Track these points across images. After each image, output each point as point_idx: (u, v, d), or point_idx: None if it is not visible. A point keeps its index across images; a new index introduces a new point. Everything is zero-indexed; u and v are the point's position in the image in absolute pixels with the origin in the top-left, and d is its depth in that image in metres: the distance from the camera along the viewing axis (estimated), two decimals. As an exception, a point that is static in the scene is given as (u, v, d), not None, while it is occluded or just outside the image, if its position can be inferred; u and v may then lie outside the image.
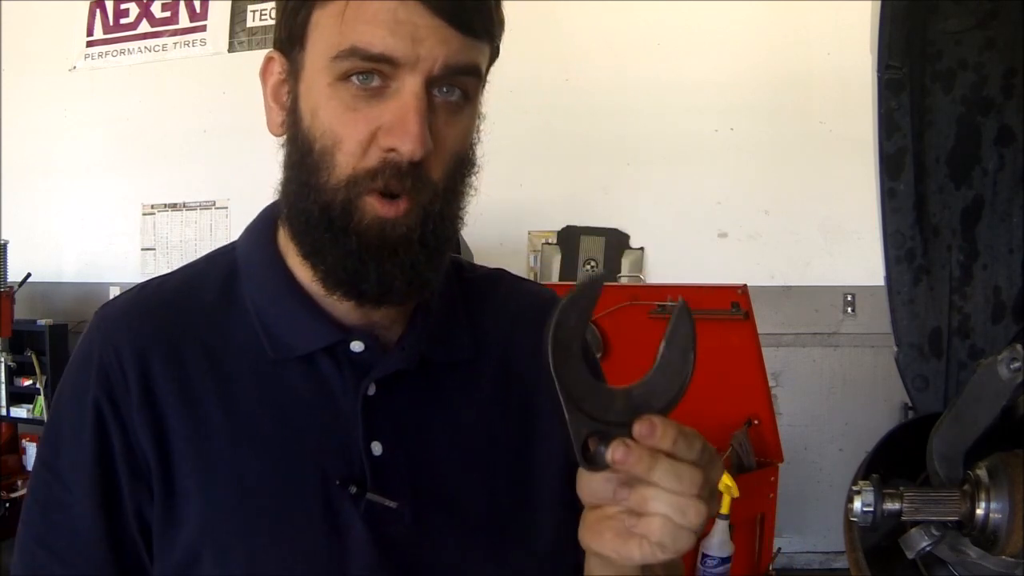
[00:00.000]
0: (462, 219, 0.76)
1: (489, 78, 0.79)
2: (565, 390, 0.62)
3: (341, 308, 0.77)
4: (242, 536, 0.73)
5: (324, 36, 0.70)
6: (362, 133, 0.69)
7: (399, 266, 0.71)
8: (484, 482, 0.79)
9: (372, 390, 0.76)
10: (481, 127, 0.77)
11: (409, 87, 0.69)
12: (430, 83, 0.69)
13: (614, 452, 0.60)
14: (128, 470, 0.74)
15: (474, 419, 0.81)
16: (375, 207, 0.70)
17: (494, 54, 0.77)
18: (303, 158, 0.72)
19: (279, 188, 0.77)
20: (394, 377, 0.77)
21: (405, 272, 0.72)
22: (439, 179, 0.72)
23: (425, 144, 0.68)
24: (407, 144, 0.68)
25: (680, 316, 0.64)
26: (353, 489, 0.74)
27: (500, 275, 0.92)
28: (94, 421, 0.74)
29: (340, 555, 0.73)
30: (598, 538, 0.64)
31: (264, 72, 0.78)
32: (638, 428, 0.61)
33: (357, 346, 0.77)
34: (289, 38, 0.74)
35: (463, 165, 0.75)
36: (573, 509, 0.68)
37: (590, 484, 0.64)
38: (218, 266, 0.82)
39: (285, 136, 0.75)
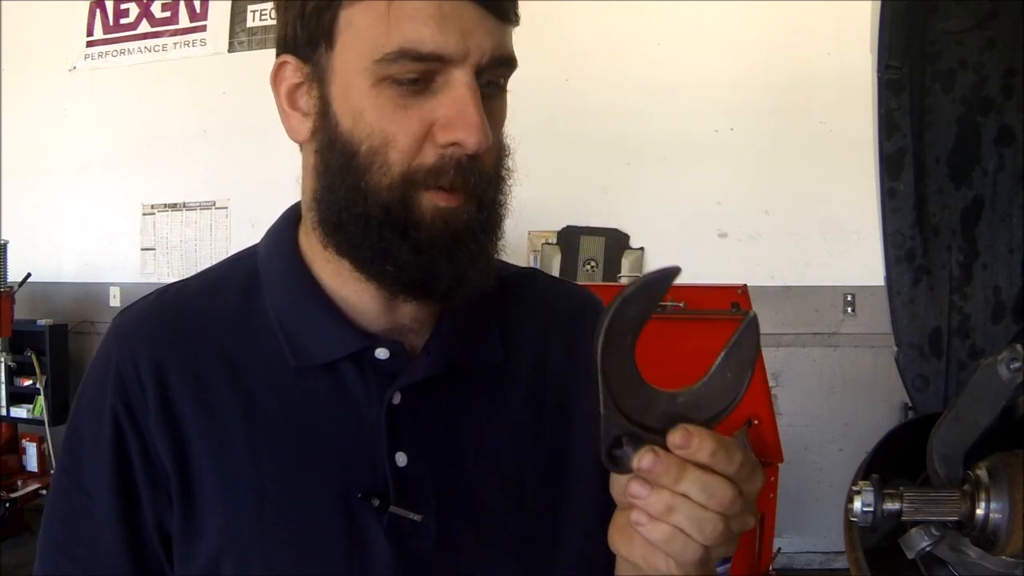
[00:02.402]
0: (507, 204, 0.74)
1: None
2: (606, 383, 0.58)
3: (367, 313, 0.75)
4: (261, 548, 0.71)
5: (362, 37, 0.67)
6: (416, 129, 0.67)
7: (469, 256, 0.70)
8: (513, 493, 0.77)
9: (397, 399, 0.74)
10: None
11: (461, 79, 0.67)
12: (476, 74, 0.68)
13: (641, 459, 0.58)
14: (147, 479, 0.73)
15: (504, 427, 0.78)
16: (434, 199, 0.68)
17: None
18: (348, 162, 0.69)
19: (315, 197, 0.73)
20: (421, 385, 0.74)
21: (475, 261, 0.70)
22: (491, 169, 0.71)
23: (488, 136, 0.67)
24: (472, 137, 0.66)
25: (747, 329, 0.60)
26: (376, 502, 0.72)
27: (534, 274, 0.90)
28: (112, 430, 0.73)
29: (362, 570, 0.72)
30: (627, 543, 0.62)
31: (275, 78, 0.74)
32: (672, 437, 0.58)
33: (382, 353, 0.74)
34: (309, 40, 0.70)
35: (503, 151, 0.74)
36: (606, 520, 0.65)
37: (624, 485, 0.62)
38: (239, 271, 0.80)
39: (316, 143, 0.72)
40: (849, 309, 4.05)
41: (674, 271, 0.59)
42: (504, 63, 0.69)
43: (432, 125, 0.67)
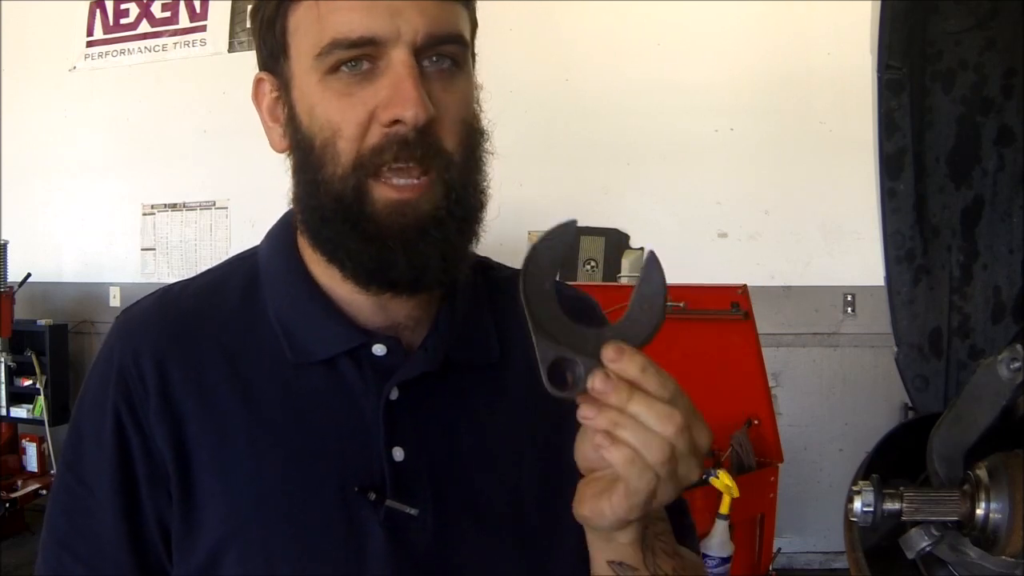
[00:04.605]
0: (486, 191, 0.75)
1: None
2: (534, 317, 0.63)
3: (363, 311, 0.76)
4: (261, 541, 0.72)
5: (305, 38, 0.70)
6: (360, 115, 0.69)
7: (432, 245, 0.70)
8: (509, 487, 0.78)
9: (395, 394, 0.75)
10: (480, 97, 0.76)
11: (397, 58, 0.68)
12: (417, 54, 0.69)
13: (594, 380, 0.61)
14: (147, 475, 0.74)
15: (500, 423, 0.79)
16: (385, 192, 0.69)
17: (473, 21, 0.76)
18: (307, 158, 0.72)
19: (291, 198, 0.76)
20: (417, 380, 0.75)
21: (439, 250, 0.70)
22: (453, 148, 0.71)
23: (427, 108, 0.68)
24: (408, 110, 0.67)
25: (649, 263, 0.65)
26: (372, 496, 0.73)
27: None
28: (113, 426, 0.74)
29: (358, 563, 0.72)
30: (579, 501, 0.65)
31: (256, 95, 0.77)
32: (606, 351, 0.61)
33: (379, 349, 0.76)
34: (271, 54, 0.74)
35: (473, 133, 0.74)
36: None
37: (583, 449, 0.65)
38: (239, 271, 0.81)
39: (289, 147, 0.75)
40: (849, 309, 4.05)
41: (572, 222, 0.67)
42: (447, 40, 0.70)
43: (376, 108, 0.69)
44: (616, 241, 4.21)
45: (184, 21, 4.81)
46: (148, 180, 4.83)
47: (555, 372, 0.63)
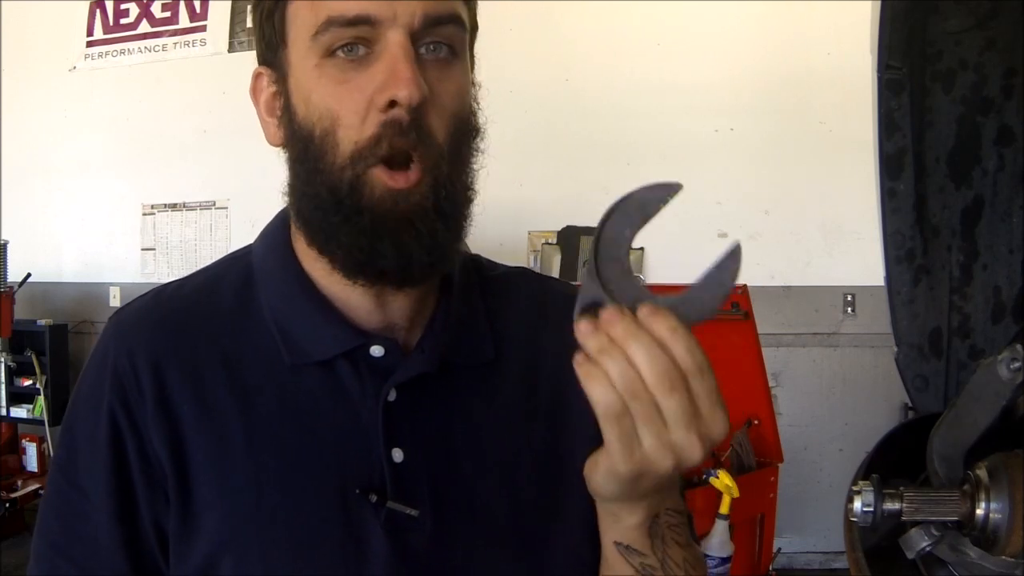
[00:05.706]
0: (474, 188, 0.74)
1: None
2: (598, 255, 0.62)
3: (359, 311, 0.76)
4: (260, 545, 0.72)
5: (302, 23, 0.70)
6: (358, 102, 0.68)
7: (417, 238, 0.69)
8: (508, 488, 0.78)
9: (393, 396, 0.75)
10: (478, 95, 0.75)
11: (393, 40, 0.68)
12: (414, 38, 0.68)
13: (606, 311, 0.60)
14: (144, 479, 0.73)
15: (497, 423, 0.79)
16: (383, 179, 0.68)
17: (472, 8, 0.75)
18: (306, 148, 0.71)
19: (286, 191, 0.75)
20: (415, 381, 0.75)
21: (424, 243, 0.70)
22: (443, 140, 0.70)
23: (420, 87, 0.67)
24: (402, 89, 0.66)
25: (731, 254, 0.65)
26: (373, 498, 0.73)
27: (523, 272, 0.90)
28: (109, 429, 0.73)
29: (359, 565, 0.72)
30: (591, 464, 0.65)
31: (254, 90, 0.77)
32: (642, 308, 0.60)
33: (377, 351, 0.75)
34: (269, 45, 0.74)
35: (465, 128, 0.73)
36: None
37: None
38: (234, 270, 0.81)
39: (285, 139, 0.74)
40: (849, 309, 4.05)
41: (677, 185, 0.67)
42: (444, 21, 0.70)
43: (372, 94, 0.68)
44: (616, 241, 4.21)
45: (184, 21, 4.80)
46: (148, 180, 4.83)
47: (588, 310, 0.62)
